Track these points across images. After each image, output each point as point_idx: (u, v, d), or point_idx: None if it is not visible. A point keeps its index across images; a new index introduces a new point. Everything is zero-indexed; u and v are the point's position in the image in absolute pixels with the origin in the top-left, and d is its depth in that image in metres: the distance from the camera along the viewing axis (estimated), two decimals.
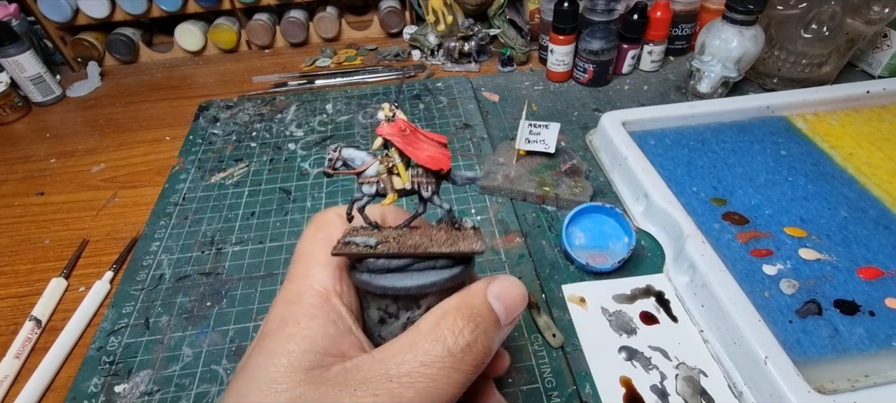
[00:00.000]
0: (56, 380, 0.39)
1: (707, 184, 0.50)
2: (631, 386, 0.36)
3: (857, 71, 0.71)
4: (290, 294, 0.23)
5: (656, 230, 0.47)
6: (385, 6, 0.86)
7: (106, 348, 0.40)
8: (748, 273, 0.41)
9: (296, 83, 0.75)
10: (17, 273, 0.48)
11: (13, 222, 0.54)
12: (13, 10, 0.75)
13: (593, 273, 0.44)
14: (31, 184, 0.59)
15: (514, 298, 0.24)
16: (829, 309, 0.39)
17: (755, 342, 0.34)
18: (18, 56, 0.70)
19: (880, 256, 0.42)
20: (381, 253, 0.24)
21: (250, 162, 0.59)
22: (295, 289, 0.24)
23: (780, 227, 0.45)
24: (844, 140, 0.54)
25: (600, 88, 0.70)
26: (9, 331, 0.43)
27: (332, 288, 0.24)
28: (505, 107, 0.67)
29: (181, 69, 0.83)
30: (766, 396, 0.34)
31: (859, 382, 0.34)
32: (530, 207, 0.51)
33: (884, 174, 0.50)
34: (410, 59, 0.82)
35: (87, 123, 0.70)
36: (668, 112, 0.57)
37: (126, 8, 0.79)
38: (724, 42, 0.60)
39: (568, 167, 0.52)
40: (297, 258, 0.26)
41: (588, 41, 0.66)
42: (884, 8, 0.57)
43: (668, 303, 0.41)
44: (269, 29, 0.85)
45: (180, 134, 0.65)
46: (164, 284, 0.45)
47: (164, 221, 0.51)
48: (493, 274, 0.25)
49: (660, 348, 0.38)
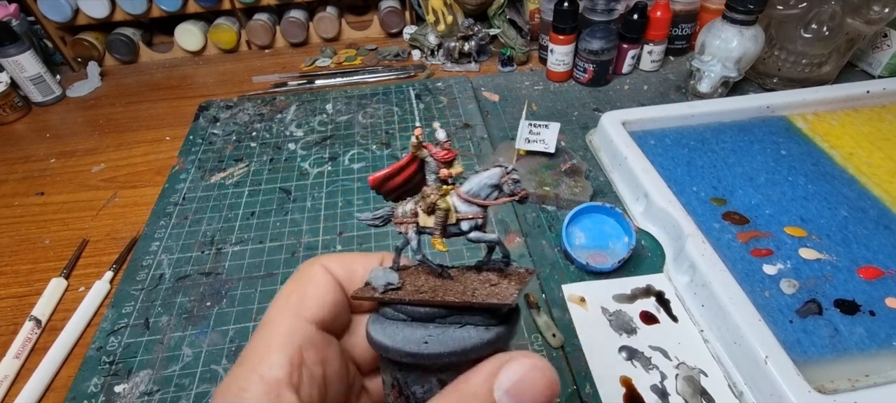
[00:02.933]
0: (56, 380, 0.39)
1: (707, 183, 0.50)
2: (631, 386, 0.36)
3: (857, 71, 0.71)
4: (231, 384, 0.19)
5: (656, 230, 0.47)
6: (385, 6, 0.86)
7: (106, 348, 0.40)
8: (748, 272, 0.41)
9: (296, 83, 0.75)
10: (17, 273, 0.48)
11: (13, 222, 0.54)
12: (13, 10, 0.75)
13: (593, 273, 0.44)
14: (32, 184, 0.59)
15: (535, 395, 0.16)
16: (830, 308, 0.38)
17: (755, 341, 0.34)
18: (18, 56, 0.70)
19: (880, 256, 0.42)
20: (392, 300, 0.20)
21: (250, 162, 0.59)
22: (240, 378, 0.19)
23: (781, 227, 0.45)
24: (844, 140, 0.54)
25: (600, 88, 0.70)
26: (9, 331, 0.43)
27: (286, 380, 0.18)
28: (505, 107, 0.67)
29: (181, 69, 0.83)
30: (766, 396, 0.34)
31: (859, 382, 0.34)
32: (530, 207, 0.51)
33: (884, 174, 0.50)
34: (410, 59, 0.82)
35: (87, 123, 0.70)
36: (668, 112, 0.57)
37: (126, 8, 0.79)
38: (724, 42, 0.60)
39: (568, 167, 0.52)
40: (261, 324, 0.21)
41: (588, 41, 0.66)
42: (884, 8, 0.57)
43: (668, 303, 0.41)
44: (269, 29, 0.85)
45: (180, 134, 0.65)
46: (163, 284, 0.45)
47: (164, 221, 0.51)
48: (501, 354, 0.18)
49: (660, 348, 0.38)
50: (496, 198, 0.20)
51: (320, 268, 0.22)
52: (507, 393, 0.16)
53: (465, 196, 0.19)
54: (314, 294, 0.21)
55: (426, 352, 0.18)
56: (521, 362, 0.17)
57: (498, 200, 0.20)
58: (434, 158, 0.20)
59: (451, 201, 0.20)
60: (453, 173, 0.20)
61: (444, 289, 0.20)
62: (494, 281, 0.20)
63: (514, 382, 0.16)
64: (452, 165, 0.20)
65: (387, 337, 0.19)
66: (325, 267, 0.22)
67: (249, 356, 0.19)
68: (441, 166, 0.20)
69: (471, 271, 0.21)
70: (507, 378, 0.16)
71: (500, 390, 0.16)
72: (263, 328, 0.20)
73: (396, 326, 0.20)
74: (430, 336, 0.18)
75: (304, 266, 0.23)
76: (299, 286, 0.21)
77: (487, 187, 0.19)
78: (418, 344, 0.18)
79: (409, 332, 0.19)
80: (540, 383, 0.16)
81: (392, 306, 0.20)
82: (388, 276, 0.20)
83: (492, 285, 0.19)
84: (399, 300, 0.20)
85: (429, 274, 0.21)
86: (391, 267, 0.21)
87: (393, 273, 0.21)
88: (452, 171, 0.20)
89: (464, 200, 0.20)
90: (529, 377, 0.16)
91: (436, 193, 0.20)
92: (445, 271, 0.21)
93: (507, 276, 0.20)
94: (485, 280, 0.20)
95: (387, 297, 0.20)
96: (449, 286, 0.20)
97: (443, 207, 0.20)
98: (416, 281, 0.21)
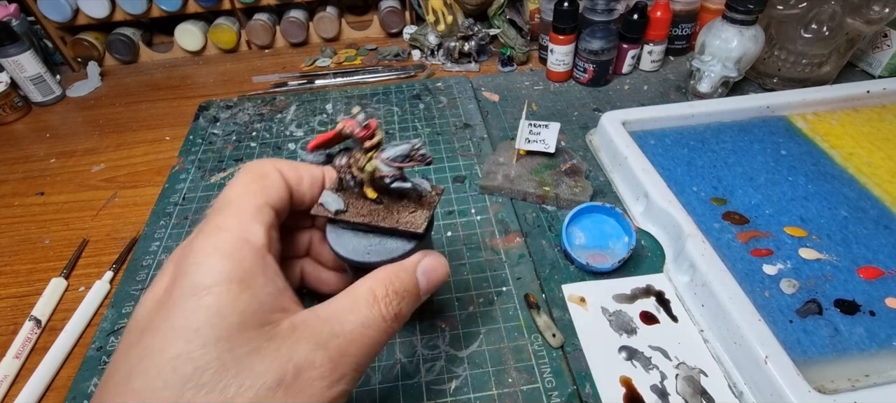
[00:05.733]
0: (56, 380, 0.39)
1: (707, 183, 0.50)
2: (631, 386, 0.36)
3: (857, 71, 0.71)
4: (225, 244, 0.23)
5: (656, 230, 0.47)
6: (385, 6, 0.86)
7: (106, 348, 0.40)
8: (748, 272, 0.41)
9: (296, 83, 0.75)
10: (17, 273, 0.48)
11: (13, 222, 0.54)
12: (13, 9, 0.75)
13: (593, 273, 0.44)
14: (31, 184, 0.59)
15: (439, 277, 0.29)
16: (830, 308, 0.38)
17: (755, 341, 0.34)
18: (18, 56, 0.70)
19: (880, 256, 0.42)
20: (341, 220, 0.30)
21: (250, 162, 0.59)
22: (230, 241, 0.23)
23: (781, 227, 0.45)
24: (844, 140, 0.54)
25: (600, 88, 0.70)
26: (9, 331, 0.43)
27: (266, 244, 0.25)
28: (505, 107, 0.67)
29: (181, 69, 0.83)
30: (766, 396, 0.34)
31: (860, 382, 0.34)
32: (530, 207, 0.51)
33: (884, 174, 0.50)
34: (410, 59, 0.82)
35: (87, 123, 0.70)
36: (668, 112, 0.57)
37: (126, 8, 0.79)
38: (724, 42, 0.60)
39: (568, 167, 0.52)
40: (226, 203, 0.26)
41: (588, 41, 0.66)
42: (884, 8, 0.57)
43: (668, 303, 0.41)
44: (269, 29, 0.85)
45: (180, 134, 0.65)
46: None
47: (164, 221, 0.51)
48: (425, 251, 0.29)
49: (660, 348, 0.38)
50: (410, 162, 0.28)
51: (273, 168, 0.28)
52: (423, 273, 0.28)
53: (386, 160, 0.28)
54: (273, 186, 0.28)
55: (368, 261, 0.29)
56: (434, 256, 0.29)
57: (410, 163, 0.28)
58: (355, 136, 0.28)
59: (376, 163, 0.28)
60: (375, 142, 0.28)
61: (378, 214, 0.29)
62: (413, 208, 0.30)
63: (427, 267, 0.28)
64: (374, 138, 0.28)
65: (341, 247, 0.29)
66: (279, 170, 0.28)
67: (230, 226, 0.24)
68: (364, 140, 0.28)
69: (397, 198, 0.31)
70: (425, 264, 0.28)
71: (420, 270, 0.28)
72: (231, 206, 0.25)
73: (347, 236, 0.30)
74: (371, 247, 0.29)
75: (253, 163, 0.28)
76: (259, 177, 0.27)
77: (401, 156, 0.28)
78: (363, 255, 0.29)
79: (356, 243, 0.30)
80: (441, 272, 0.29)
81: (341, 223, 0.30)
82: (337, 203, 0.30)
83: (411, 212, 0.30)
84: (346, 221, 0.30)
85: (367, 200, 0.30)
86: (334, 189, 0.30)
87: (340, 199, 0.30)
88: (374, 141, 0.28)
89: (385, 163, 0.28)
90: (436, 267, 0.29)
91: (364, 158, 0.29)
92: (379, 199, 0.30)
93: (423, 203, 0.30)
94: (406, 206, 0.30)
95: (338, 218, 0.29)
96: (381, 211, 0.30)
97: (369, 169, 0.28)
98: (357, 206, 0.30)
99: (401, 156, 0.28)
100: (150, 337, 0.21)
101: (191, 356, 0.20)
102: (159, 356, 0.20)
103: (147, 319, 0.22)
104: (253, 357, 0.21)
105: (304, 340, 0.22)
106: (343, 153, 0.30)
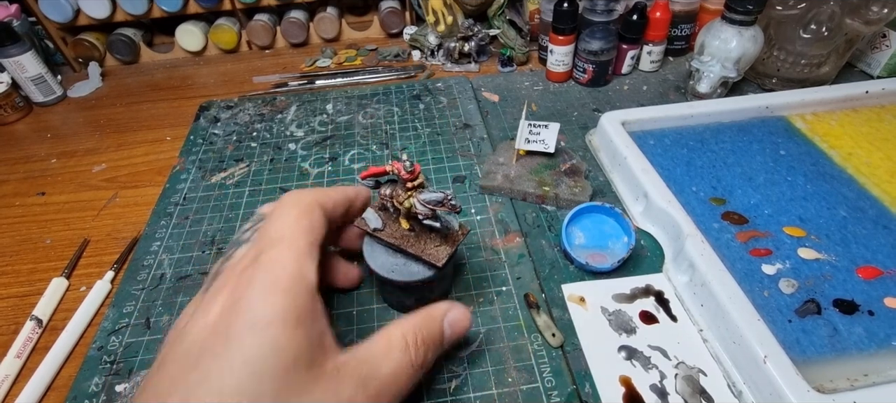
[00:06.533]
0: (57, 380, 0.39)
1: (706, 183, 0.50)
2: (630, 386, 0.36)
3: (856, 71, 0.71)
4: (283, 280, 0.25)
5: (656, 230, 0.47)
6: (385, 6, 0.86)
7: (107, 347, 0.40)
8: (747, 272, 0.41)
9: (296, 83, 0.75)
10: (18, 272, 0.48)
11: (14, 222, 0.54)
12: (14, 10, 0.76)
13: (593, 272, 0.44)
14: (33, 184, 0.60)
15: (462, 329, 0.33)
16: (829, 308, 0.39)
17: (754, 341, 0.34)
18: (19, 56, 0.70)
19: (879, 256, 0.42)
20: (377, 237, 0.36)
21: (251, 162, 0.59)
22: (286, 278, 0.25)
23: (780, 227, 0.45)
24: (843, 140, 0.54)
25: (600, 88, 0.70)
26: (10, 331, 0.43)
27: (316, 283, 0.27)
28: (505, 107, 0.67)
29: (182, 69, 0.83)
30: (765, 395, 0.34)
31: (858, 381, 0.34)
32: (530, 207, 0.51)
33: (883, 174, 0.50)
34: (410, 59, 0.82)
35: (88, 123, 0.71)
36: (668, 112, 0.57)
37: (127, 8, 0.80)
38: (723, 42, 0.60)
39: (568, 167, 0.52)
40: (280, 238, 0.28)
41: (588, 41, 0.66)
42: (883, 8, 0.58)
43: (667, 303, 0.41)
44: (270, 29, 0.85)
45: (181, 134, 0.66)
46: (164, 284, 0.45)
47: (165, 221, 0.51)
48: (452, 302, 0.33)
49: (659, 347, 0.38)
50: (441, 206, 0.33)
51: (317, 205, 0.31)
52: (449, 325, 0.32)
53: (422, 201, 0.33)
54: (318, 223, 0.31)
55: (391, 278, 0.35)
56: (459, 310, 0.33)
57: (442, 208, 0.33)
58: (400, 177, 0.34)
59: (414, 201, 0.34)
60: (416, 184, 0.34)
61: (408, 240, 0.35)
62: (439, 242, 0.35)
63: (453, 319, 0.32)
64: (416, 180, 0.34)
65: (372, 260, 0.36)
66: (321, 205, 0.32)
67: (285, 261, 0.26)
68: (407, 181, 0.34)
69: (427, 231, 0.36)
70: (452, 316, 0.32)
71: (446, 321, 0.32)
72: (284, 242, 0.27)
73: (379, 251, 0.36)
74: (396, 266, 0.35)
75: (298, 196, 0.31)
76: (306, 214, 0.30)
77: (436, 201, 0.33)
78: (389, 271, 0.35)
79: (384, 259, 0.36)
80: (465, 324, 0.33)
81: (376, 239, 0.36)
82: (376, 221, 0.36)
83: (436, 245, 0.35)
84: (381, 239, 0.36)
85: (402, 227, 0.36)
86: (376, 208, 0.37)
87: (379, 219, 0.36)
88: (416, 183, 0.34)
89: (422, 203, 0.33)
90: (461, 319, 0.32)
91: (404, 195, 0.34)
92: (413, 227, 0.36)
93: (449, 239, 0.35)
94: (433, 239, 0.35)
95: (375, 235, 0.36)
96: (411, 238, 0.35)
97: (407, 205, 0.34)
98: (393, 228, 0.36)
99: (435, 201, 0.32)
100: (208, 363, 0.22)
101: (249, 389, 0.21)
102: (218, 383, 0.21)
103: (202, 345, 0.23)
104: (303, 397, 0.23)
105: (346, 381, 0.25)
106: (389, 184, 0.36)
